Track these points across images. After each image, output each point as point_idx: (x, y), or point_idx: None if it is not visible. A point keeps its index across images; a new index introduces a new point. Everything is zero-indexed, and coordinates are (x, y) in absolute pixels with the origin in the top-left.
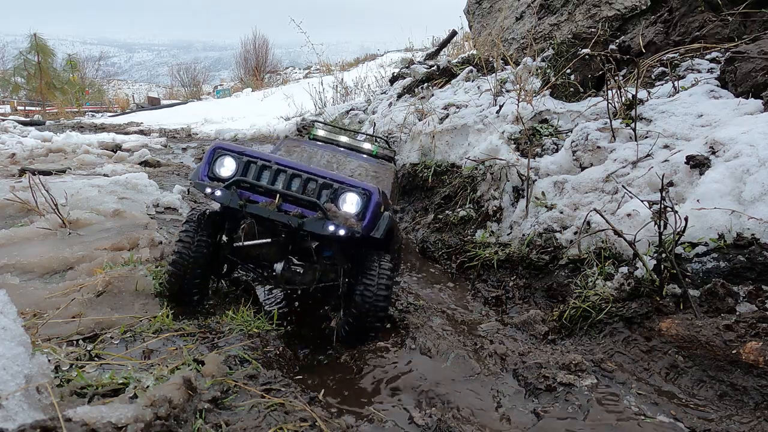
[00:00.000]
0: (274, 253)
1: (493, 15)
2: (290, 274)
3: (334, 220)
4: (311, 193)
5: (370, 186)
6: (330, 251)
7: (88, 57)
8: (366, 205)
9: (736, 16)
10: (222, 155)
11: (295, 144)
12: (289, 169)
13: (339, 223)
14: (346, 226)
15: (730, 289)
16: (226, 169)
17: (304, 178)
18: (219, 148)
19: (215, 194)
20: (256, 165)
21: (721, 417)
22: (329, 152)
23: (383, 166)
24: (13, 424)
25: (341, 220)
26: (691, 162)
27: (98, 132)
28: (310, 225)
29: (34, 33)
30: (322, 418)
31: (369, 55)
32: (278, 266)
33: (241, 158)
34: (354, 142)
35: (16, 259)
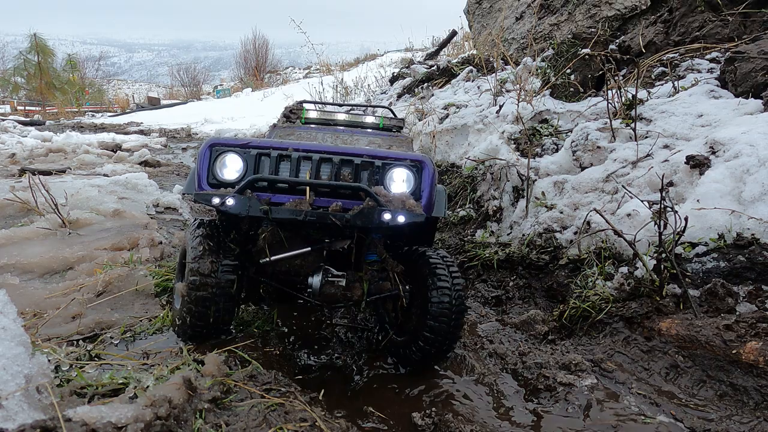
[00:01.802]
0: (309, 264)
1: (493, 15)
2: (332, 288)
3: (389, 206)
4: (349, 178)
5: (419, 154)
6: (374, 254)
7: (88, 57)
8: (420, 180)
9: (736, 16)
10: (222, 153)
11: (287, 132)
12: (314, 154)
13: (396, 209)
14: (405, 211)
15: (730, 289)
16: (231, 169)
17: (336, 162)
18: (215, 145)
19: (227, 204)
20: (270, 157)
21: (721, 417)
22: (331, 134)
23: (397, 138)
24: (13, 424)
25: (397, 204)
26: (691, 162)
27: (98, 132)
28: (361, 218)
29: (34, 33)
30: (322, 418)
31: (369, 55)
32: (314, 280)
33: (247, 152)
34: (354, 118)
35: (16, 259)
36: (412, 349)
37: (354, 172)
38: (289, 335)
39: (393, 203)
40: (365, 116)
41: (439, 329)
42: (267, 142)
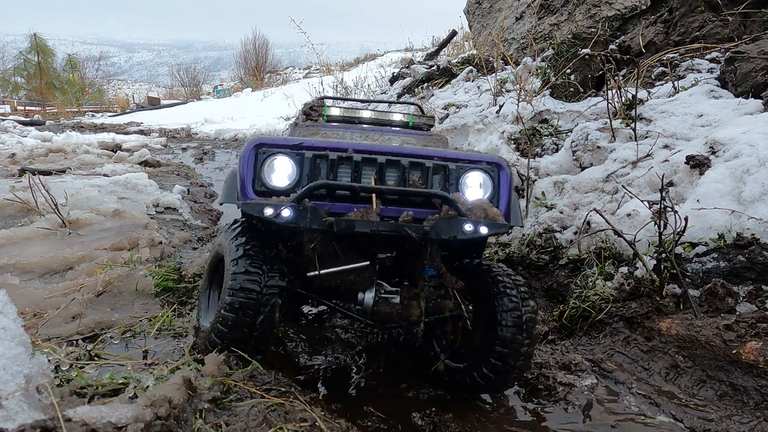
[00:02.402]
0: (363, 279)
1: (493, 15)
2: (387, 307)
3: (469, 215)
4: (419, 183)
5: (494, 156)
6: (432, 268)
7: (88, 57)
8: (497, 184)
9: (736, 16)
10: (271, 155)
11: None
12: (379, 156)
13: (478, 219)
14: (488, 221)
15: (730, 289)
16: (281, 174)
17: (405, 164)
18: (263, 145)
19: (283, 216)
20: (328, 159)
21: (721, 417)
22: (359, 133)
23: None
24: (13, 424)
25: (478, 213)
26: (691, 162)
27: (98, 132)
28: (441, 230)
29: (34, 33)
30: (322, 418)
31: (369, 55)
32: (367, 297)
33: (300, 154)
34: (380, 116)
35: (16, 259)
36: (474, 376)
37: (424, 177)
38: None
39: (473, 212)
40: (392, 113)
41: (509, 355)
42: (322, 143)
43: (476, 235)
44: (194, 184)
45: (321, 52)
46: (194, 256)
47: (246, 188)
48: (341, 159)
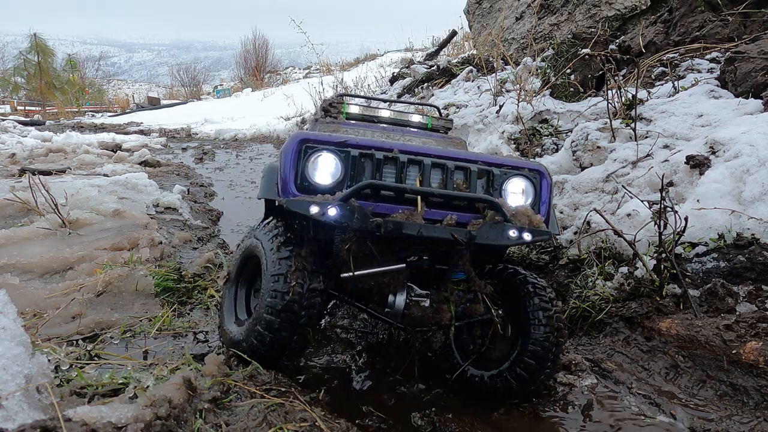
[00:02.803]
0: (396, 281)
1: (493, 15)
2: (418, 310)
3: (513, 221)
4: (463, 187)
5: (535, 163)
6: (461, 272)
7: (88, 57)
8: (538, 192)
9: (736, 16)
10: (316, 152)
11: (332, 128)
12: (425, 158)
13: (522, 225)
14: (531, 228)
15: (730, 289)
16: (325, 171)
17: (450, 167)
18: (307, 141)
19: (328, 214)
20: (374, 159)
21: (721, 417)
22: (380, 133)
23: (452, 140)
24: (13, 424)
25: (522, 220)
26: (691, 162)
27: (98, 132)
28: (487, 235)
29: (34, 33)
30: (322, 418)
31: (369, 55)
32: (398, 300)
33: (346, 152)
34: (399, 116)
35: (16, 259)
36: (507, 380)
37: (468, 181)
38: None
39: (517, 218)
40: (411, 114)
41: (543, 356)
42: (368, 141)
43: (520, 241)
44: (194, 184)
45: (321, 52)
46: (194, 256)
47: (288, 184)
48: (386, 159)
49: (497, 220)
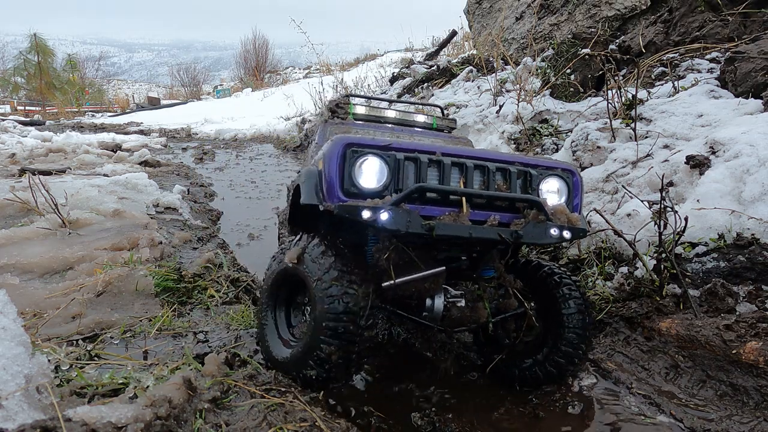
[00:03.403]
0: (436, 285)
1: (493, 15)
2: (456, 311)
3: (554, 219)
4: (504, 188)
5: (567, 163)
6: (491, 269)
7: (88, 57)
8: (571, 191)
9: (736, 16)
10: (361, 156)
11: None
12: (467, 160)
13: (563, 224)
14: (570, 226)
15: (730, 289)
16: (371, 175)
17: (492, 169)
18: (352, 145)
19: (381, 219)
20: (419, 162)
21: (721, 417)
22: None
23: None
24: (13, 424)
25: (561, 219)
26: (691, 162)
27: (98, 132)
28: (531, 234)
29: (34, 33)
30: (322, 418)
31: (369, 55)
32: (437, 303)
33: (391, 155)
34: (405, 116)
35: (16, 259)
36: (545, 367)
37: (508, 181)
38: None
39: (556, 217)
40: (416, 114)
41: (578, 341)
42: (410, 144)
43: (561, 239)
44: (194, 184)
45: (321, 52)
46: (194, 256)
47: (334, 189)
48: (430, 162)
49: (540, 219)
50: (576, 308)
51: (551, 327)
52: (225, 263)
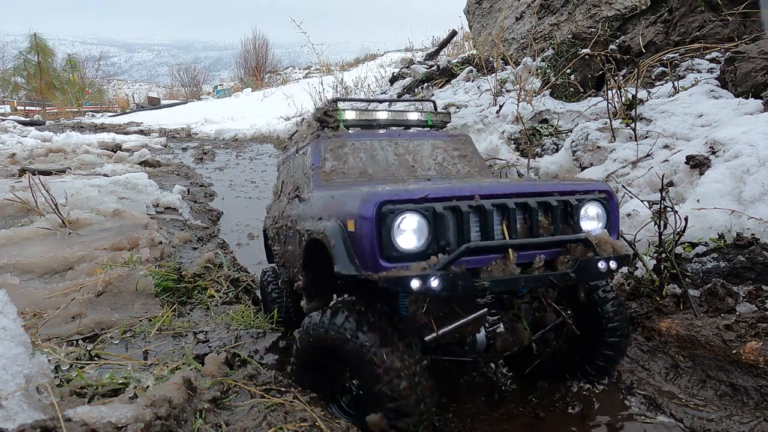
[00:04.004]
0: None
1: (493, 15)
2: (498, 341)
3: (601, 252)
4: (548, 225)
5: (601, 183)
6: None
7: (88, 57)
8: (611, 214)
9: (736, 16)
10: (398, 214)
11: (338, 144)
12: (506, 199)
13: (609, 255)
14: (616, 256)
15: (730, 289)
16: (409, 234)
17: (533, 206)
18: (387, 203)
19: (431, 286)
20: (462, 212)
21: (721, 417)
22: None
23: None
24: (13, 424)
25: (606, 249)
26: (691, 162)
27: (98, 132)
28: (582, 274)
29: (34, 33)
30: (322, 418)
31: (369, 55)
32: (479, 338)
33: (430, 208)
34: (397, 116)
35: (16, 259)
36: (586, 371)
37: (551, 216)
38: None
39: (602, 248)
40: (409, 113)
41: (620, 343)
42: (448, 190)
43: (609, 272)
44: (194, 184)
45: (321, 52)
46: (194, 256)
47: (372, 255)
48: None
49: (588, 256)
50: (614, 314)
51: (591, 331)
52: (225, 263)
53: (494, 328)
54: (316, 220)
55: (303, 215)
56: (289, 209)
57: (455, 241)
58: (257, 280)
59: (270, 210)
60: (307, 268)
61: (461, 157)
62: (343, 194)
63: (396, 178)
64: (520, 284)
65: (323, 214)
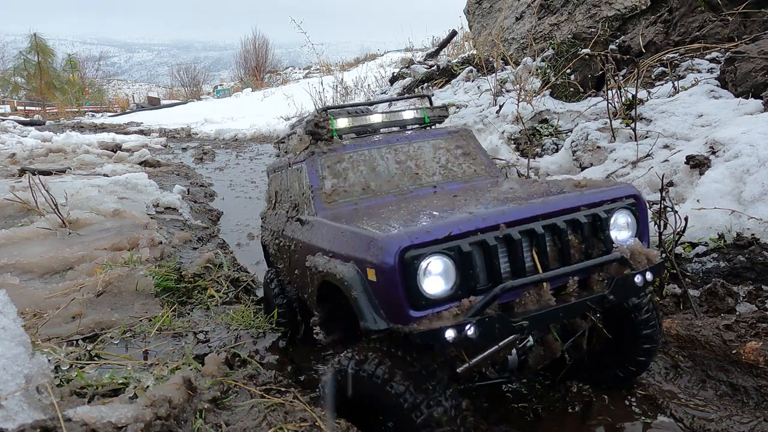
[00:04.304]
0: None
1: (493, 15)
2: (530, 358)
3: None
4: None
5: (629, 187)
6: None
7: (88, 57)
8: (640, 220)
9: (736, 16)
10: (422, 258)
11: (335, 159)
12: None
13: (644, 268)
14: (651, 267)
15: (730, 289)
16: (436, 279)
17: (562, 227)
18: (410, 249)
19: (468, 335)
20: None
21: (721, 417)
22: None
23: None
24: (13, 424)
25: (641, 261)
26: (691, 162)
27: (98, 132)
28: (620, 294)
29: (34, 33)
30: (322, 418)
31: (369, 55)
32: (511, 359)
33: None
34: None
35: (16, 259)
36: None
37: (580, 234)
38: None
39: (637, 261)
40: (404, 112)
41: (653, 349)
42: (471, 221)
43: (646, 285)
44: (194, 184)
45: (321, 52)
46: (194, 256)
47: (400, 306)
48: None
49: (625, 273)
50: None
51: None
52: (225, 263)
53: (525, 344)
54: (327, 256)
55: (310, 245)
56: (290, 230)
57: (484, 276)
58: (257, 280)
59: (266, 220)
60: (321, 303)
61: (465, 156)
62: (354, 232)
63: (401, 189)
64: (559, 317)
65: (334, 249)
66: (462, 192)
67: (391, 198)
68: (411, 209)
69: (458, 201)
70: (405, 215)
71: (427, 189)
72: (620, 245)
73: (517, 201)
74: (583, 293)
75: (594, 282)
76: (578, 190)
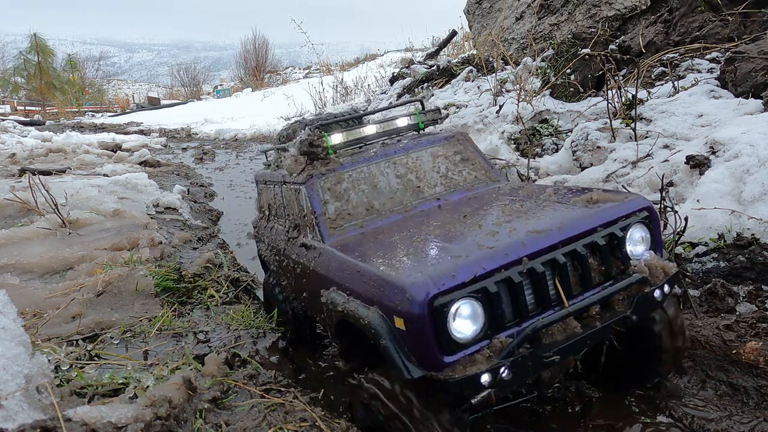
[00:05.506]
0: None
1: (493, 15)
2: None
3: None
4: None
5: (640, 199)
6: None
7: (88, 57)
8: (654, 233)
9: (736, 16)
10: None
11: (334, 181)
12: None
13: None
14: (668, 279)
15: (730, 289)
16: (465, 322)
17: (582, 252)
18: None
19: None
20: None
21: (721, 417)
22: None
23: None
24: (13, 424)
25: (659, 275)
26: (691, 162)
27: (98, 132)
28: (642, 311)
29: (34, 33)
30: (322, 418)
31: (369, 55)
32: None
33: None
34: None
35: (16, 259)
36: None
37: (599, 255)
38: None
39: (654, 275)
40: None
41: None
42: (492, 261)
43: (665, 298)
44: (194, 184)
45: (321, 52)
46: (194, 256)
47: (432, 353)
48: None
49: (645, 291)
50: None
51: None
52: (225, 263)
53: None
54: (344, 293)
55: (321, 275)
56: (294, 253)
57: (510, 311)
58: (257, 280)
59: (259, 231)
60: (340, 336)
61: (464, 162)
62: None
63: (405, 206)
64: (586, 344)
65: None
66: (467, 205)
67: (396, 217)
68: (423, 235)
69: (469, 224)
70: (419, 245)
71: (430, 202)
72: (637, 260)
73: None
74: (605, 315)
75: (615, 302)
76: (592, 208)
